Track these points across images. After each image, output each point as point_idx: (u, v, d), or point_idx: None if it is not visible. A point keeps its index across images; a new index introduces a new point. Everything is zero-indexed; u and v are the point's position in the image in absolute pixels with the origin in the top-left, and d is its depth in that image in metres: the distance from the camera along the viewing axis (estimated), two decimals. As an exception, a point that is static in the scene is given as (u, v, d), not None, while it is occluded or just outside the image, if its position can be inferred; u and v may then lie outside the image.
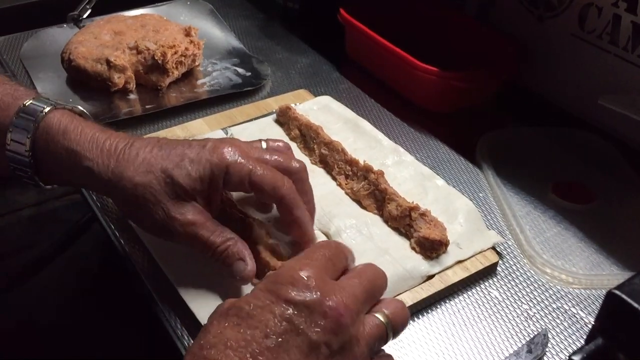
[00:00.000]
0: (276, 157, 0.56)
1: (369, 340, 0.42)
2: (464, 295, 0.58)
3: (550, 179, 0.71)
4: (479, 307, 0.57)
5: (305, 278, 0.41)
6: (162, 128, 0.75)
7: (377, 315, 0.43)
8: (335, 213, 0.63)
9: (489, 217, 0.67)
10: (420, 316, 0.56)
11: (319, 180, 0.67)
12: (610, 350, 0.29)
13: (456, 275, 0.58)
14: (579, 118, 0.79)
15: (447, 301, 0.58)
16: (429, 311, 0.57)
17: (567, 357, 0.30)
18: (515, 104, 0.84)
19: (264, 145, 0.59)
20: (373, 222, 0.63)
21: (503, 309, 0.57)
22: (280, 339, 0.39)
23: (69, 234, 1.47)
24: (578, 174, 0.72)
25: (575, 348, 0.52)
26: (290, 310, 0.40)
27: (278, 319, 0.39)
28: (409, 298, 0.56)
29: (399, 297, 0.56)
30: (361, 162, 0.66)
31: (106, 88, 0.80)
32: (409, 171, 0.68)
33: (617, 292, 0.27)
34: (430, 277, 0.58)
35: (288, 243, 0.58)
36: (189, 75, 0.85)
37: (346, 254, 0.46)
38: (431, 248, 0.58)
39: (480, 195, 0.70)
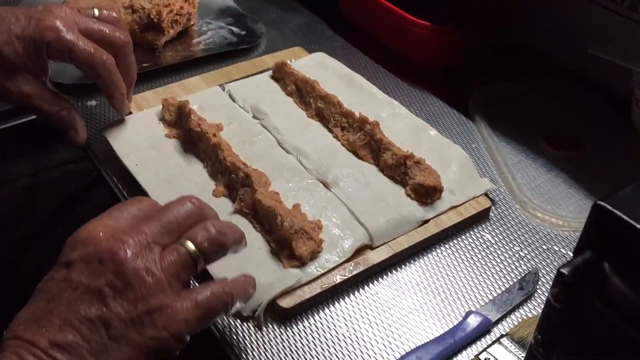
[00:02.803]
0: (102, 28, 0.60)
1: (168, 268, 0.41)
2: (458, 239, 0.61)
3: (541, 129, 0.73)
4: (473, 249, 0.59)
5: (85, 235, 0.41)
6: (159, 86, 0.76)
7: (181, 243, 0.42)
8: (332, 163, 0.64)
9: (482, 167, 0.69)
10: (416, 259, 0.58)
11: (316, 133, 0.69)
12: (597, 262, 0.31)
13: (450, 219, 0.60)
14: (569, 71, 0.81)
15: (442, 245, 0.60)
16: (425, 254, 0.59)
17: (556, 270, 0.32)
18: (508, 59, 0.85)
19: (96, 12, 0.62)
20: (369, 171, 0.64)
21: (495, 251, 0.59)
22: (59, 300, 0.39)
23: (67, 202, 1.48)
24: (568, 125, 0.74)
25: (564, 285, 0.54)
26: (67, 270, 0.40)
27: (56, 283, 0.40)
28: (405, 241, 0.58)
29: (395, 241, 0.58)
30: (357, 114, 0.67)
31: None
32: (404, 123, 0.70)
33: (603, 203, 0.29)
34: (426, 222, 0.60)
35: (289, 189, 0.60)
36: (184, 34, 0.86)
37: (154, 204, 0.45)
38: (426, 194, 0.60)
39: (473, 146, 0.71)
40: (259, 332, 0.52)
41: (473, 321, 0.52)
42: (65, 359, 0.38)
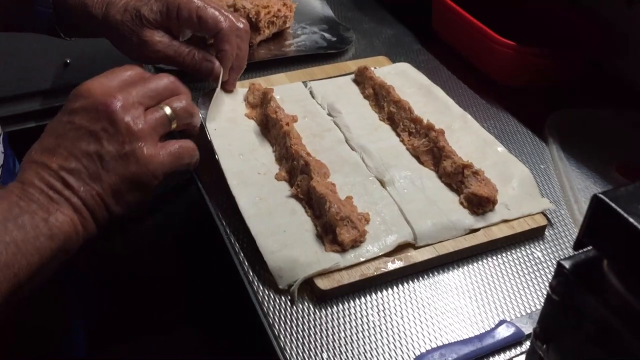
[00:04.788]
0: (227, 13, 0.68)
1: (150, 122, 0.53)
2: (507, 252, 0.60)
3: (616, 159, 0.70)
4: (520, 264, 0.59)
5: (85, 89, 0.52)
6: (248, 78, 0.81)
7: (160, 107, 0.54)
8: (392, 164, 0.66)
9: (547, 187, 0.68)
10: (461, 265, 0.59)
11: (384, 135, 0.71)
12: (598, 258, 0.31)
13: (501, 231, 0.60)
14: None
15: (490, 255, 0.60)
16: (471, 261, 0.59)
17: (556, 262, 0.33)
18: (596, 86, 0.83)
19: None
20: (427, 176, 0.66)
21: (544, 269, 0.59)
22: (65, 137, 0.50)
23: (164, 195, 1.58)
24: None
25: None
26: (70, 116, 0.51)
27: (62, 125, 0.51)
28: (451, 246, 0.59)
29: (441, 244, 0.58)
30: (425, 121, 0.69)
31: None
32: (472, 136, 0.70)
33: (601, 196, 0.29)
34: (476, 231, 0.60)
35: (346, 182, 0.63)
36: (279, 36, 0.91)
37: (141, 72, 0.55)
38: (478, 204, 0.61)
39: (542, 166, 0.71)
40: (294, 307, 0.54)
41: (504, 330, 0.52)
42: (71, 179, 0.49)
